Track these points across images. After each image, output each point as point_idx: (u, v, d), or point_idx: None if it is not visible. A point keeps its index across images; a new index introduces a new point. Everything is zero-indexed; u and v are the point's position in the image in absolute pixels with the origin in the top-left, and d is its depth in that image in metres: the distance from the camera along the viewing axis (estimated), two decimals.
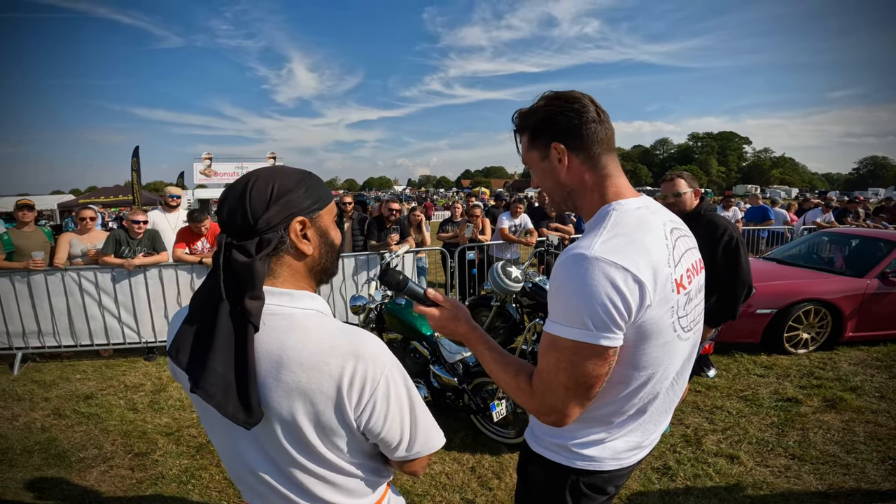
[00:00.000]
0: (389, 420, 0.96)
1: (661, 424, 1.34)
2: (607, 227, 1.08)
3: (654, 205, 1.21)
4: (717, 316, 2.93)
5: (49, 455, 3.32)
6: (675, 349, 1.16)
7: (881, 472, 2.92)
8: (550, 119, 1.14)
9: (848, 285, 5.01)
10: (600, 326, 1.00)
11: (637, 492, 2.80)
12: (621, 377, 1.13)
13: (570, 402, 1.09)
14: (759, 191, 56.20)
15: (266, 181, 0.96)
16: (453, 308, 1.27)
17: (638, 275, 1.00)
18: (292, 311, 0.96)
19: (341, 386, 0.91)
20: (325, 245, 1.03)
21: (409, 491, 2.84)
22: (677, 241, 1.15)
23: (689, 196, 2.98)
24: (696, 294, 1.20)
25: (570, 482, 1.29)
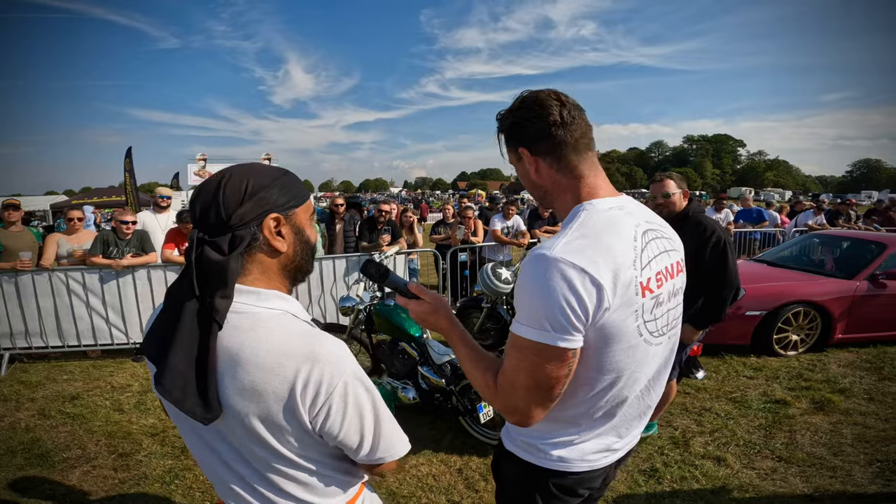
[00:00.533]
0: (347, 424, 0.95)
1: (635, 429, 1.33)
2: (573, 228, 1.07)
3: (631, 205, 1.19)
4: (703, 318, 2.92)
5: (32, 455, 3.29)
6: (643, 354, 1.14)
7: (868, 474, 2.91)
8: (516, 125, 1.16)
9: (837, 287, 5.03)
10: (558, 328, 0.99)
11: (623, 494, 2.79)
12: (585, 379, 1.12)
13: (532, 402, 1.07)
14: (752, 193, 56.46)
15: (241, 178, 0.95)
16: (434, 302, 1.25)
17: (596, 276, 0.98)
18: (258, 311, 0.95)
19: (295, 388, 0.89)
20: (300, 242, 1.03)
21: (396, 493, 2.82)
22: (650, 243, 1.12)
23: (677, 197, 2.98)
24: (668, 298, 1.17)
25: (539, 482, 1.28)
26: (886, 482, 2.83)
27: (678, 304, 1.24)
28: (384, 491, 2.83)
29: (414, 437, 3.42)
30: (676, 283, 1.20)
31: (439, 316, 1.24)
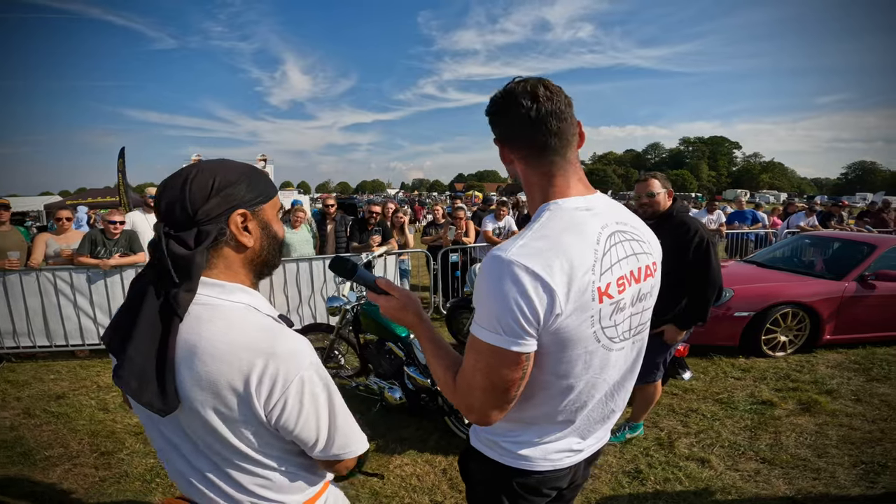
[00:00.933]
0: (303, 420, 0.95)
1: (599, 433, 1.32)
2: (534, 229, 1.05)
3: (601, 206, 1.14)
4: (687, 318, 2.92)
5: (14, 453, 3.28)
6: (601, 360, 1.12)
7: (852, 477, 2.90)
8: (492, 120, 1.15)
9: (826, 288, 5.04)
10: (509, 332, 0.98)
11: (606, 496, 2.78)
12: (543, 383, 1.11)
13: (487, 403, 1.07)
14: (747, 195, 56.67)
15: (208, 173, 0.96)
16: (403, 297, 1.24)
17: (549, 282, 0.96)
18: (220, 303, 0.95)
19: (250, 381, 0.89)
20: (267, 238, 1.04)
21: (379, 492, 2.81)
22: (615, 246, 1.09)
23: (662, 196, 2.98)
24: (632, 303, 1.13)
25: (503, 481, 1.28)
26: (870, 484, 2.82)
27: (645, 308, 1.21)
28: (367, 490, 2.82)
29: (399, 437, 3.43)
30: (644, 287, 1.17)
31: (408, 312, 1.23)
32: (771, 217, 11.60)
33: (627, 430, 3.36)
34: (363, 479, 2.92)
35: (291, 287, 5.66)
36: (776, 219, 11.24)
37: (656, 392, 3.23)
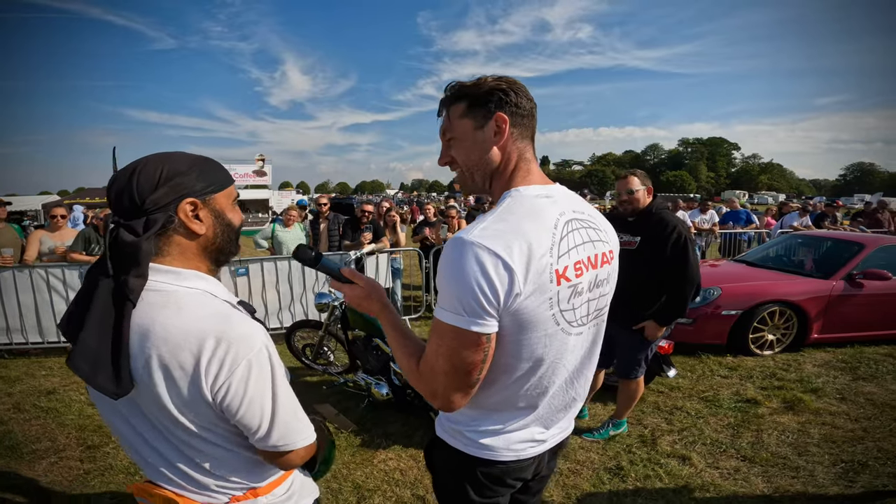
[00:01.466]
0: (246, 404, 0.96)
1: (561, 421, 1.34)
2: (496, 213, 1.08)
3: (559, 194, 1.18)
4: (667, 314, 2.95)
5: (2, 446, 3.32)
6: (561, 343, 1.15)
7: (831, 475, 2.92)
8: (501, 91, 1.14)
9: (813, 287, 5.07)
10: (471, 312, 1.01)
11: (587, 492, 2.80)
12: (504, 367, 1.13)
13: (450, 387, 1.09)
14: (745, 196, 56.68)
15: (156, 164, 0.99)
16: (367, 286, 1.26)
17: (509, 262, 0.99)
18: (174, 289, 0.98)
19: (200, 364, 0.92)
20: (221, 225, 1.06)
21: (361, 486, 2.84)
22: (571, 233, 1.12)
23: (641, 193, 3.01)
24: (589, 288, 1.17)
25: (468, 471, 1.29)
26: (849, 483, 2.84)
27: (602, 294, 1.24)
28: (350, 484, 2.84)
29: (385, 433, 3.46)
30: (600, 273, 1.20)
31: (372, 300, 1.26)
32: (765, 217, 11.65)
33: (611, 427, 3.39)
34: (346, 473, 2.95)
35: (283, 284, 5.69)
36: (770, 219, 11.27)
37: (639, 389, 3.25)
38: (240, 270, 5.49)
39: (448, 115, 1.21)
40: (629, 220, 3.08)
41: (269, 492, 1.14)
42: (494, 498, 1.35)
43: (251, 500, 1.11)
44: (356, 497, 2.74)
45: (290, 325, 4.69)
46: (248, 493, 1.11)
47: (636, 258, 2.99)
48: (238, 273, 5.46)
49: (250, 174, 27.20)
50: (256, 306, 5.41)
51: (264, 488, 1.13)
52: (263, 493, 1.12)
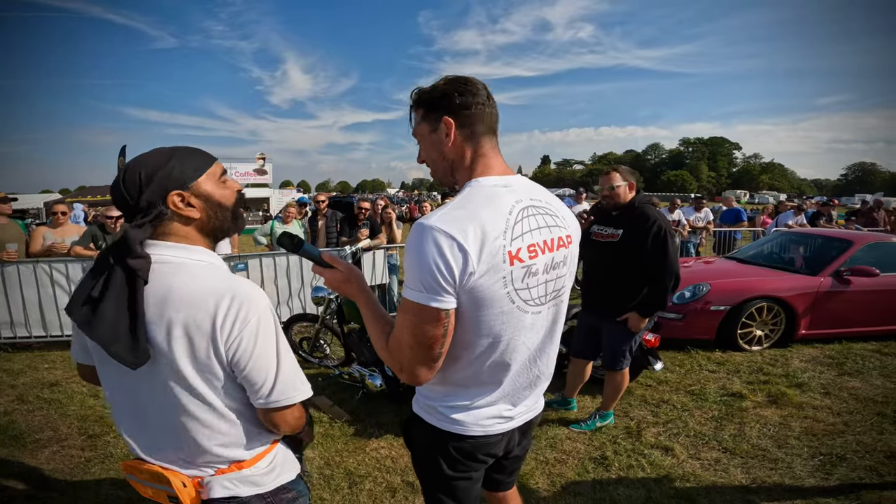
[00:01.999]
0: (254, 358, 1.08)
1: (528, 399, 1.44)
2: (455, 201, 1.20)
3: (518, 184, 1.29)
4: (648, 306, 3.05)
5: (6, 436, 3.40)
6: (517, 321, 1.24)
7: (808, 468, 3.00)
8: (446, 96, 1.25)
9: (801, 283, 5.16)
10: (430, 289, 1.12)
11: (572, 480, 2.89)
12: (466, 343, 1.23)
13: (415, 360, 1.19)
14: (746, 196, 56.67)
15: (134, 169, 1.11)
16: (346, 271, 1.36)
17: (463, 243, 1.09)
18: (183, 261, 1.11)
19: (216, 320, 1.04)
20: (212, 207, 1.17)
21: (353, 472, 2.93)
22: (527, 218, 1.22)
23: (623, 189, 3.11)
24: (545, 270, 1.26)
25: (441, 446, 1.39)
26: (825, 475, 2.91)
27: (560, 276, 1.33)
28: (342, 470, 2.94)
29: (378, 423, 3.56)
30: (556, 256, 1.29)
31: (350, 284, 1.36)
32: (762, 216, 11.72)
33: (598, 418, 3.48)
34: (339, 460, 3.05)
35: (282, 279, 5.80)
36: (766, 218, 11.35)
37: (624, 380, 3.35)
38: (239, 266, 5.59)
39: (413, 120, 1.35)
40: (612, 214, 3.19)
41: (253, 464, 1.23)
42: (467, 472, 1.45)
43: (235, 472, 1.20)
44: (347, 483, 2.84)
45: (288, 319, 4.78)
46: (232, 466, 1.21)
47: (619, 251, 3.10)
48: (237, 268, 5.56)
49: (251, 173, 27.29)
50: None
51: (248, 461, 1.22)
52: (247, 466, 1.22)
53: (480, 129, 1.27)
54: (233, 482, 1.20)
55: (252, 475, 1.22)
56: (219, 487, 1.19)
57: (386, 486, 2.81)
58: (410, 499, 2.70)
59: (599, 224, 3.27)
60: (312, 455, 3.12)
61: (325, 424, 3.54)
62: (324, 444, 3.25)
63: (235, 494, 1.20)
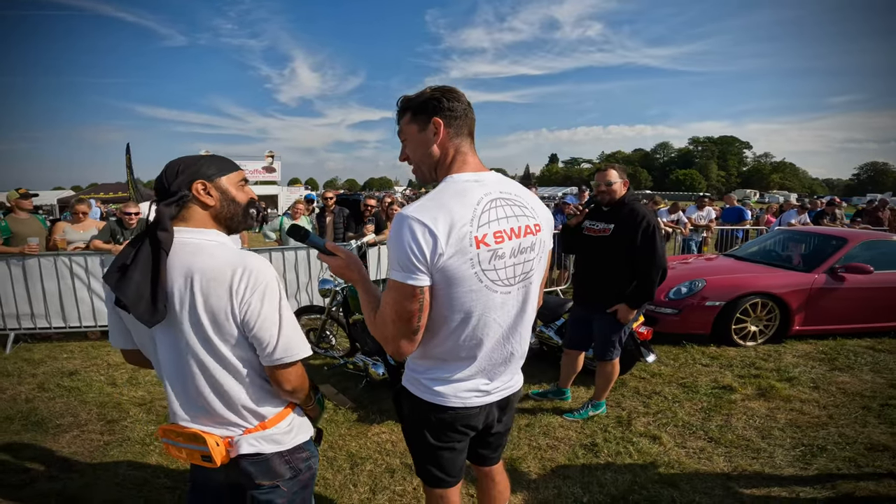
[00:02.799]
0: (261, 318, 1.29)
1: (505, 375, 1.61)
2: (431, 194, 1.39)
3: (489, 179, 1.47)
4: (636, 298, 3.20)
5: (28, 422, 3.59)
6: (487, 299, 1.41)
7: (789, 458, 3.11)
8: (436, 100, 1.45)
9: (795, 280, 5.28)
10: (406, 268, 1.31)
11: (562, 464, 3.05)
12: (442, 318, 1.42)
13: (397, 333, 1.38)
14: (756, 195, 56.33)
15: (177, 162, 1.38)
16: (347, 257, 1.55)
17: (434, 229, 1.29)
18: (201, 242, 1.33)
19: (232, 286, 1.26)
20: (226, 200, 1.41)
21: (355, 454, 3.11)
22: (494, 209, 1.40)
23: (618, 186, 3.27)
24: (513, 254, 1.43)
25: (424, 416, 1.57)
26: (805, 465, 3.03)
27: (527, 260, 1.49)
28: (344, 453, 3.13)
29: (380, 409, 3.75)
30: (524, 242, 1.47)
31: (351, 269, 1.55)
32: (766, 215, 11.76)
33: (590, 407, 3.64)
34: (342, 444, 3.23)
35: (290, 273, 5.99)
36: (770, 216, 11.40)
37: (614, 370, 3.50)
38: None
39: (400, 123, 1.53)
40: (605, 210, 3.35)
41: (275, 425, 1.43)
42: (450, 443, 1.63)
43: (260, 431, 1.41)
44: (349, 464, 3.02)
45: (296, 311, 4.97)
46: (258, 426, 1.41)
47: (610, 245, 3.26)
48: None
49: (260, 170, 27.64)
50: None
51: (270, 421, 1.43)
52: (270, 426, 1.43)
53: (463, 131, 1.47)
54: (258, 440, 1.40)
55: (274, 434, 1.42)
56: (245, 445, 1.39)
57: (385, 467, 2.99)
58: (408, 479, 2.87)
59: (592, 219, 3.43)
60: None
61: (330, 411, 3.72)
62: (328, 428, 3.43)
63: (259, 451, 1.40)
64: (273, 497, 1.46)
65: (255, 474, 1.42)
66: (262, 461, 1.41)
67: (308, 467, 1.52)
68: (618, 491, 2.77)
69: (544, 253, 1.58)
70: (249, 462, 1.40)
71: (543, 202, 1.70)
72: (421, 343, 1.49)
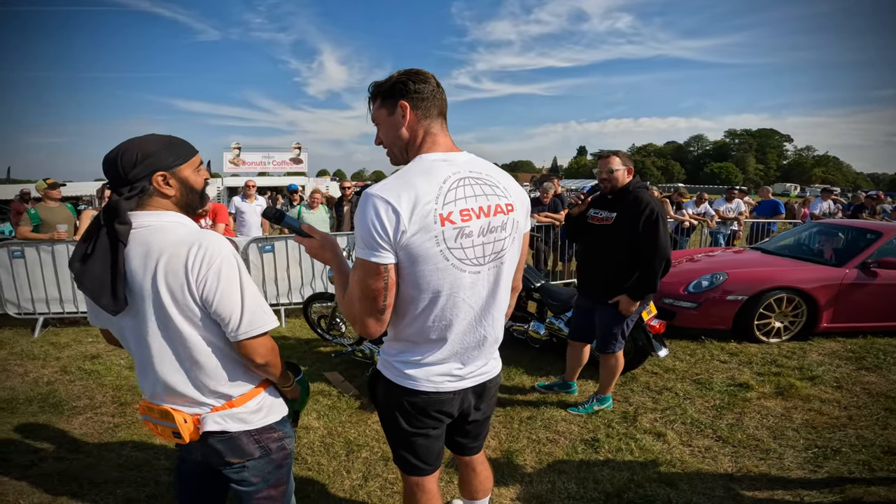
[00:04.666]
0: (219, 294, 1.28)
1: (478, 360, 1.56)
2: (398, 173, 1.37)
3: (459, 159, 1.44)
4: (638, 288, 3.09)
5: (46, 404, 3.72)
6: (454, 278, 1.38)
7: (799, 459, 2.96)
8: (402, 84, 1.43)
9: (824, 274, 5.02)
10: (369, 246, 1.30)
11: (559, 459, 2.97)
12: (410, 298, 1.39)
13: (363, 312, 1.37)
14: (797, 189, 54.23)
15: (134, 149, 1.33)
16: (323, 239, 1.55)
17: (396, 206, 1.27)
18: (158, 223, 1.33)
19: (188, 264, 1.25)
20: (185, 189, 1.40)
21: (352, 441, 3.11)
22: (461, 187, 1.37)
23: (620, 173, 3.15)
24: (481, 233, 1.39)
25: (397, 400, 1.54)
26: (815, 468, 2.88)
27: (498, 239, 1.45)
28: (342, 440, 3.13)
29: None
30: (494, 221, 1.43)
31: (325, 250, 1.54)
32: (803, 209, 11.31)
33: (595, 402, 3.54)
34: (341, 430, 3.24)
35: (305, 261, 6.06)
36: (806, 210, 10.96)
37: (618, 364, 3.39)
38: (266, 248, 5.86)
39: (372, 108, 1.51)
40: (608, 198, 3.24)
41: (242, 404, 1.43)
42: (423, 429, 1.59)
43: (227, 409, 1.41)
44: (345, 451, 3.02)
45: (307, 298, 5.02)
46: (224, 405, 1.41)
47: (612, 234, 3.15)
48: (265, 250, 5.83)
49: (287, 161, 28.04)
50: (280, 281, 5.85)
51: (238, 400, 1.43)
52: (237, 405, 1.43)
53: (432, 112, 1.44)
54: (223, 418, 1.40)
55: (240, 413, 1.43)
56: (211, 422, 1.39)
57: (381, 455, 2.98)
58: None
59: (596, 207, 3.33)
60: (318, 425, 3.32)
61: (334, 398, 3.74)
62: (329, 415, 3.45)
63: (225, 429, 1.41)
64: (246, 476, 1.48)
65: (223, 452, 1.43)
66: (229, 439, 1.42)
67: (280, 448, 1.52)
68: (613, 488, 2.68)
69: (518, 233, 1.53)
70: (217, 440, 1.41)
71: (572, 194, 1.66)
72: (392, 325, 1.48)
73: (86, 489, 2.69)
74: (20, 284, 5.50)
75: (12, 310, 5.58)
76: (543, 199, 7.44)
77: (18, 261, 5.44)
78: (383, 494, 2.65)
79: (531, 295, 4.64)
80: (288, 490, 1.60)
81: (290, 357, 4.63)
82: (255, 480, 1.49)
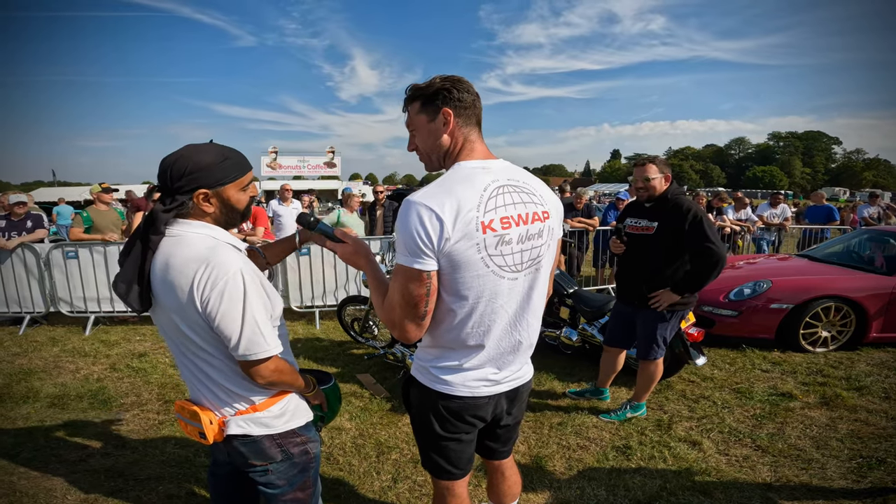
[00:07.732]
0: (222, 313, 1.30)
1: (513, 364, 1.57)
2: (439, 181, 1.39)
3: (496, 167, 1.46)
4: (682, 285, 3.03)
5: (96, 400, 3.89)
6: (493, 284, 1.40)
7: (842, 470, 2.85)
8: (446, 91, 1.44)
9: (874, 283, 4.81)
10: (413, 253, 1.31)
11: (590, 466, 2.93)
12: (449, 305, 1.41)
13: (404, 317, 1.38)
14: (846, 194, 51.84)
15: (188, 158, 1.37)
16: (355, 244, 1.58)
17: (440, 214, 1.29)
18: (185, 233, 1.36)
19: (193, 282, 1.29)
20: (225, 208, 1.43)
21: (383, 443, 3.16)
22: (501, 195, 1.39)
23: (658, 181, 3.09)
24: (520, 240, 1.41)
25: (432, 404, 1.56)
26: (858, 478, 2.77)
27: (535, 246, 1.47)
28: (373, 441, 3.19)
29: None
30: (531, 228, 1.45)
31: (359, 256, 1.57)
32: (851, 214, 10.82)
33: (629, 409, 3.48)
34: (372, 432, 3.29)
35: (340, 264, 6.17)
36: (856, 216, 10.47)
37: (657, 371, 3.32)
38: (302, 251, 6.01)
39: (408, 112, 1.52)
40: (646, 206, 3.18)
41: (265, 408, 1.47)
42: (457, 434, 1.60)
43: (250, 413, 1.45)
44: (376, 452, 3.07)
45: (341, 301, 5.12)
46: (248, 409, 1.45)
47: (653, 244, 3.09)
48: (301, 253, 5.98)
49: (322, 165, 28.66)
50: (315, 283, 5.97)
51: (262, 405, 1.47)
52: (260, 409, 1.46)
53: (471, 121, 1.47)
54: (246, 422, 1.44)
55: (262, 417, 1.46)
56: (234, 426, 1.44)
57: (411, 457, 3.01)
58: None
59: (633, 216, 3.27)
60: (349, 426, 3.39)
61: (366, 399, 3.80)
62: (361, 416, 3.51)
63: (247, 433, 1.45)
64: (270, 478, 1.52)
65: (246, 455, 1.47)
66: (251, 443, 1.46)
67: (304, 452, 1.55)
68: (644, 496, 2.63)
69: (553, 240, 1.55)
70: (240, 443, 1.46)
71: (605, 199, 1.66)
72: (430, 331, 1.49)
73: (130, 485, 2.80)
74: (73, 284, 5.78)
75: (65, 308, 5.87)
76: (577, 205, 7.36)
77: (72, 261, 5.72)
78: (412, 496, 2.68)
79: (564, 301, 4.61)
80: (315, 492, 1.64)
81: (324, 359, 4.74)
82: (280, 483, 1.53)
